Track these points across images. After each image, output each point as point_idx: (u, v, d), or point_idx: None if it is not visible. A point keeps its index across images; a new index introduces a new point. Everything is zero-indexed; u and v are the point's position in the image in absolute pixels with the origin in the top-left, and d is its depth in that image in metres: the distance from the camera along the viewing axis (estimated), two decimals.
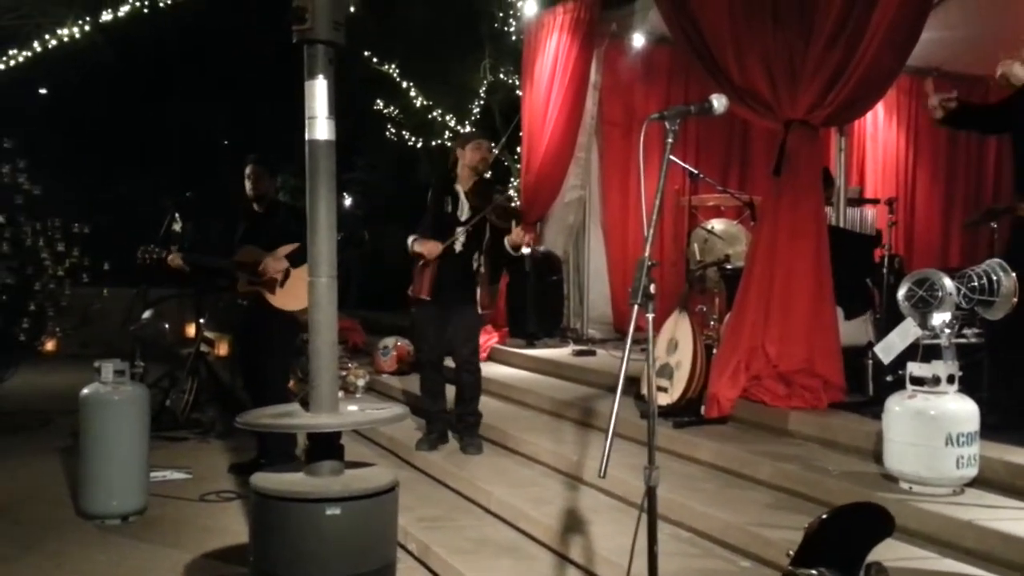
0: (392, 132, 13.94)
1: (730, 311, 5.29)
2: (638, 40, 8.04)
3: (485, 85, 12.08)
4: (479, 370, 5.54)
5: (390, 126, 13.89)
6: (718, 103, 2.88)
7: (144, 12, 9.76)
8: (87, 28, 9.61)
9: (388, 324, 9.54)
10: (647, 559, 2.63)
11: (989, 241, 5.42)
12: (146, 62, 14.60)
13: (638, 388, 5.41)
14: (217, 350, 8.02)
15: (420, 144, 13.61)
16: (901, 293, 3.96)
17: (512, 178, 11.23)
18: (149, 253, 5.71)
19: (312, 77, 3.21)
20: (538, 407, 6.22)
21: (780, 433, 4.81)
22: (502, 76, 11.89)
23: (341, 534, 3.05)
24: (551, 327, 8.16)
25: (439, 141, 13.06)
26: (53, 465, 5.95)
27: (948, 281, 3.84)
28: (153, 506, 5.06)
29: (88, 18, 9.57)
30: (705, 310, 5.84)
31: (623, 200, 8.31)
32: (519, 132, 8.87)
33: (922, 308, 3.87)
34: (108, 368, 4.91)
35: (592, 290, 8.36)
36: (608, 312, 8.40)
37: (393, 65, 12.76)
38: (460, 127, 12.36)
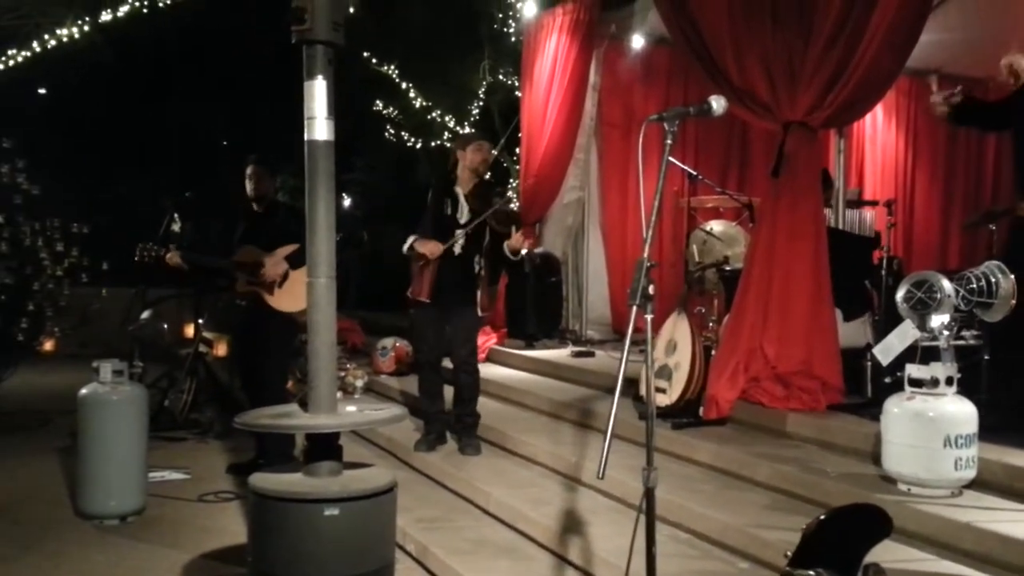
0: (391, 133, 13.94)
1: (729, 312, 5.29)
2: (637, 41, 8.03)
3: (484, 86, 12.08)
4: (477, 371, 5.54)
5: (389, 127, 13.89)
6: (717, 104, 2.88)
7: (143, 12, 9.76)
8: (86, 28, 9.61)
9: (387, 325, 9.53)
10: (645, 560, 2.64)
11: (988, 243, 5.41)
12: (145, 62, 14.57)
13: (637, 389, 5.40)
14: (216, 350, 8.01)
15: (419, 145, 13.61)
16: (900, 295, 3.96)
17: (511, 179, 11.23)
18: (148, 251, 5.70)
19: (311, 77, 3.21)
20: (537, 408, 6.21)
21: (778, 434, 4.81)
22: (501, 77, 11.89)
23: (339, 535, 3.05)
24: (550, 328, 8.16)
25: (438, 142, 13.06)
26: (52, 465, 5.95)
27: (947, 283, 3.84)
28: (151, 506, 5.06)
29: (87, 18, 9.57)
30: (704, 311, 5.83)
31: (622, 201, 8.31)
32: (518, 133, 8.87)
33: (921, 310, 3.87)
34: (107, 368, 4.91)
35: (591, 291, 8.36)
36: (607, 313, 8.40)
37: (392, 66, 12.76)
38: (459, 128, 12.35)
